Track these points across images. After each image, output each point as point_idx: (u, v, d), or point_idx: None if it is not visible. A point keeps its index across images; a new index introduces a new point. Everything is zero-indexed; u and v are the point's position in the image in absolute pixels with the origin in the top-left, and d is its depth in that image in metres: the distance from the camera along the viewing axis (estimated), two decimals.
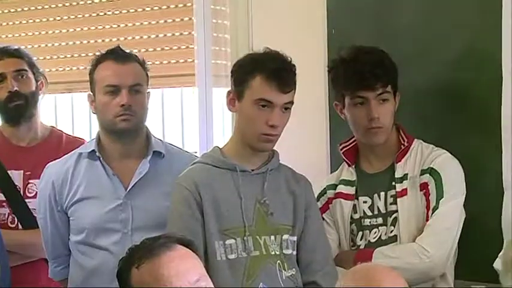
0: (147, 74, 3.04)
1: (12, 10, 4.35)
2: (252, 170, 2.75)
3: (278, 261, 2.70)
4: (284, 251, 2.72)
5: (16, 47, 3.52)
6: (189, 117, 4.07)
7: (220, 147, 2.81)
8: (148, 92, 3.05)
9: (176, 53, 3.96)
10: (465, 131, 3.09)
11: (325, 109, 3.44)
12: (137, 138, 3.02)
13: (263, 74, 2.65)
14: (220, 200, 2.69)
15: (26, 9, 4.32)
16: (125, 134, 2.97)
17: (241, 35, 3.66)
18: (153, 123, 3.37)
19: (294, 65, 2.71)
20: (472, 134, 3.08)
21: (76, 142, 3.42)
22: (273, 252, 2.70)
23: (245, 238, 2.67)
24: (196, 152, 3.60)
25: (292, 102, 2.70)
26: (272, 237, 2.71)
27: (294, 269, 2.73)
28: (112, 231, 2.94)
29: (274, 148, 2.79)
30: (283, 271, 2.70)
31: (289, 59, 2.71)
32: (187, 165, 2.83)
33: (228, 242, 2.67)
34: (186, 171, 2.78)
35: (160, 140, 3.13)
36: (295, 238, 2.75)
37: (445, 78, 3.15)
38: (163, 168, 3.00)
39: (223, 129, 3.93)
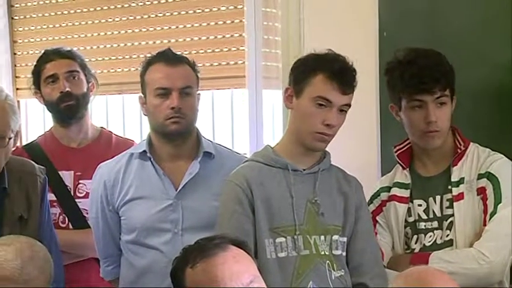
0: (197, 76, 3.06)
1: (65, 12, 4.39)
2: (304, 170, 2.74)
3: (327, 261, 2.69)
4: (333, 252, 2.71)
5: (68, 49, 3.56)
6: (239, 119, 4.07)
7: (272, 146, 2.81)
8: (199, 94, 3.06)
9: (227, 55, 3.97)
10: None
11: (376, 111, 3.42)
12: (187, 140, 3.03)
13: (326, 72, 2.65)
14: (272, 198, 2.68)
15: (78, 11, 4.34)
16: (176, 136, 2.99)
17: (292, 37, 3.65)
18: (203, 125, 3.38)
19: (355, 69, 2.70)
20: None
21: (126, 143, 3.45)
22: (322, 252, 2.69)
23: (295, 237, 2.67)
24: (246, 154, 3.59)
25: (349, 105, 2.70)
26: (322, 237, 2.70)
27: (343, 270, 2.71)
28: (162, 231, 2.95)
29: (326, 149, 2.79)
30: (333, 271, 2.69)
31: (350, 62, 2.71)
32: (237, 166, 2.83)
33: (278, 240, 2.66)
34: (237, 168, 2.78)
35: (210, 141, 3.14)
36: (345, 239, 2.74)
37: (496, 81, 3.14)
38: (213, 169, 3.01)
39: (273, 131, 3.92)
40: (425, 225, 2.87)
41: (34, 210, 2.93)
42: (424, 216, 2.87)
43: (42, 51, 3.57)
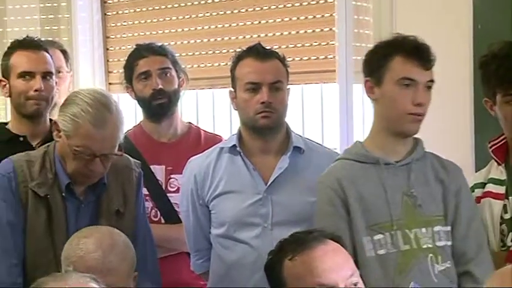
0: (287, 71, 3.05)
1: (156, 7, 4.45)
2: (396, 162, 2.69)
3: (430, 254, 2.63)
4: (437, 243, 2.65)
5: (160, 44, 3.56)
6: (329, 114, 4.04)
7: (361, 141, 2.78)
8: (289, 89, 3.05)
9: (317, 50, 3.95)
10: None
11: (470, 105, 3.37)
12: (277, 135, 3.03)
13: (402, 53, 2.62)
14: (366, 195, 2.64)
15: (169, 6, 4.40)
16: (265, 130, 2.99)
17: (384, 31, 3.59)
18: (293, 120, 3.37)
19: (427, 44, 2.67)
20: None
21: (214, 139, 3.46)
22: (424, 246, 2.63)
23: (393, 232, 2.62)
24: (336, 149, 3.57)
25: (433, 81, 2.66)
26: (423, 230, 2.64)
27: (448, 262, 2.65)
28: (252, 226, 2.95)
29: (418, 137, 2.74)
30: (436, 265, 2.63)
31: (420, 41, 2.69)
32: (327, 161, 2.82)
33: (376, 237, 2.62)
34: (328, 169, 2.76)
35: (300, 136, 3.13)
36: (448, 228, 2.67)
37: None
38: (303, 164, 3.00)
39: (363, 125, 3.87)
40: None
41: (130, 204, 2.94)
42: None
43: (134, 47, 3.60)
